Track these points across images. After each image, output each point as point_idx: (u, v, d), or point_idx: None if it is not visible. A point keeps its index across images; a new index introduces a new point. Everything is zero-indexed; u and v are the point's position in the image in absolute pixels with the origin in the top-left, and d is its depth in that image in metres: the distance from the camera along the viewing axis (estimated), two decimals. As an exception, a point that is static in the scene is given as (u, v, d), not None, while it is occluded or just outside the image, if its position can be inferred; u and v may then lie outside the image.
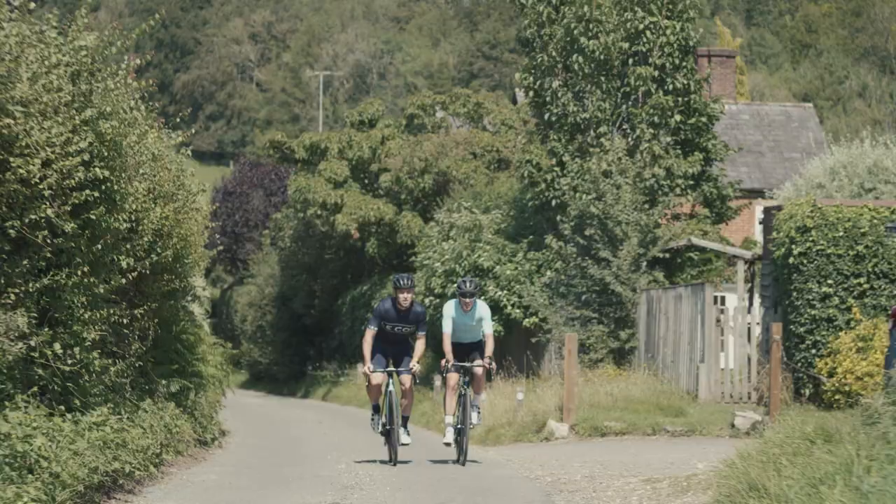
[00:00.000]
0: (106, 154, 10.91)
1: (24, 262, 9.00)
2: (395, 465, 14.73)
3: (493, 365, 15.47)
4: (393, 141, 41.15)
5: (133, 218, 12.54)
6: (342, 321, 43.76)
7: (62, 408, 9.93)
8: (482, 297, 22.64)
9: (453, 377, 15.04)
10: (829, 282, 19.37)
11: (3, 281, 8.69)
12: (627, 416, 19.69)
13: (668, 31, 26.78)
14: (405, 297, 14.82)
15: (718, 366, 22.16)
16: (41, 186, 9.11)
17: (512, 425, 19.92)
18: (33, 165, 8.89)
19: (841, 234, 19.51)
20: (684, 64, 27.18)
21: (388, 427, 15.03)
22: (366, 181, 42.19)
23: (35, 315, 9.43)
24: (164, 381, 15.16)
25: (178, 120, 16.10)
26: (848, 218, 19.56)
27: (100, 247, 10.99)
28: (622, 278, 25.19)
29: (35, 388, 9.27)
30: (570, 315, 25.44)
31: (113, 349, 12.19)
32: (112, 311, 11.59)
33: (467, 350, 15.32)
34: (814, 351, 19.40)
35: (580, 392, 20.35)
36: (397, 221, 39.59)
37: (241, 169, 61.58)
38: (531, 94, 28.05)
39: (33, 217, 9.03)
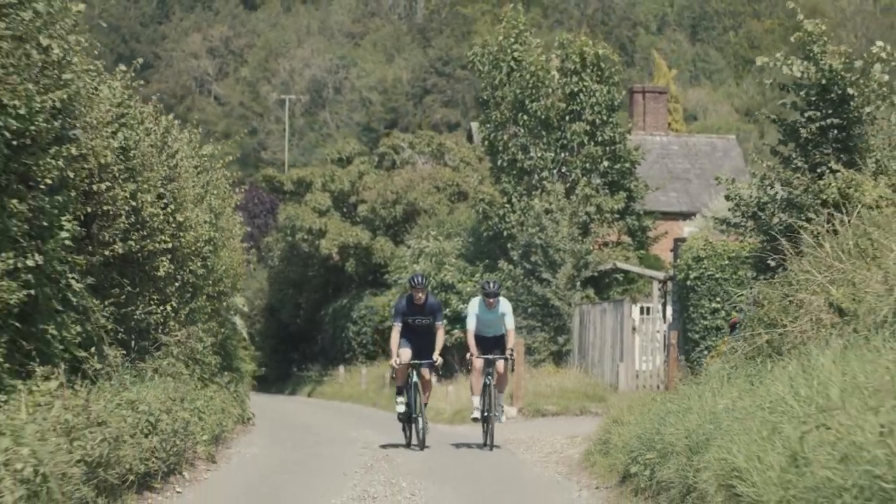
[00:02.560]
0: (214, 221, 16.54)
1: (188, 294, 14.63)
2: (421, 448, 15.73)
3: (515, 356, 16.36)
4: (368, 176, 43.55)
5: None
6: (324, 329, 45.83)
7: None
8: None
9: (479, 362, 15.87)
10: (718, 299, 22.57)
11: (177, 305, 14.30)
12: (562, 401, 23.37)
13: (597, 94, 31.42)
14: (419, 296, 15.65)
15: (634, 364, 26.09)
16: (192, 248, 14.71)
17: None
18: (191, 236, 14.50)
19: (726, 262, 22.63)
20: (611, 119, 31.75)
21: (409, 411, 15.94)
22: (345, 210, 44.15)
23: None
24: (224, 374, 20.61)
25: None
26: (732, 250, 22.83)
27: (211, 282, 16.62)
28: (560, 295, 29.04)
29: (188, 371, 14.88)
30: (518, 324, 27.79)
31: (214, 349, 17.78)
32: (213, 325, 17.21)
33: (490, 344, 16.07)
34: (706, 353, 21.71)
35: (526, 384, 23.95)
36: (372, 245, 41.87)
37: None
38: (486, 143, 32.46)
39: (190, 267, 14.64)
